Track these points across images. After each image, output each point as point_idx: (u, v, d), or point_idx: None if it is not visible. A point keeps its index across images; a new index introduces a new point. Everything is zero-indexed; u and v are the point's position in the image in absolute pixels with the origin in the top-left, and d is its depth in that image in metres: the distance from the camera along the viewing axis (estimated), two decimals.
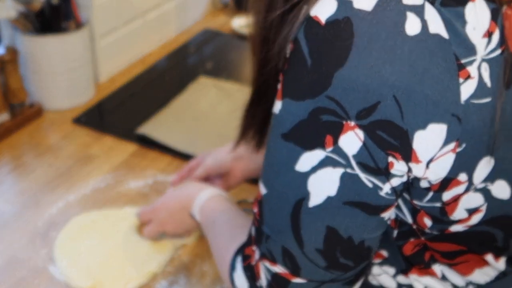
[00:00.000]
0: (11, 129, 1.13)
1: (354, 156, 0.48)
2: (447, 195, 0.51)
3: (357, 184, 0.49)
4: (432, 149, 0.47)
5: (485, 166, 0.49)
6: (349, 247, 0.52)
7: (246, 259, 0.60)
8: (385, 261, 0.62)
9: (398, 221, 0.57)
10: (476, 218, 0.52)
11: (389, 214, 0.53)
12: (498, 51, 0.47)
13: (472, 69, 0.46)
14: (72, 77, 1.20)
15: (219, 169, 0.94)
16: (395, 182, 0.50)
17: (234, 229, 0.70)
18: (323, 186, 0.50)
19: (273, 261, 0.55)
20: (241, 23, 1.65)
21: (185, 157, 1.08)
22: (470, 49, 0.46)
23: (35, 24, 1.15)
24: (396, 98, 0.45)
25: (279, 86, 0.52)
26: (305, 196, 0.51)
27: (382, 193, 0.50)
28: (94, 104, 1.25)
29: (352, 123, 0.47)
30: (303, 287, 0.54)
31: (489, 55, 0.47)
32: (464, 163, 0.48)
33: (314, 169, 0.49)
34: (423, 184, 0.51)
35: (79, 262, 0.84)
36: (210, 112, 1.24)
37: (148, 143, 1.12)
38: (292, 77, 0.50)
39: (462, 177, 0.49)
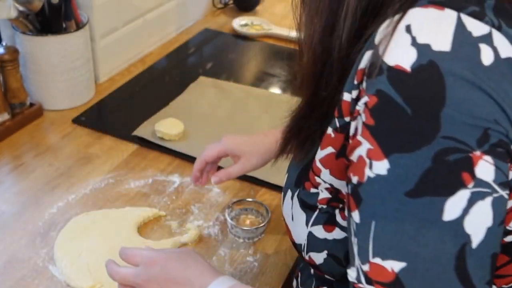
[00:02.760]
0: (11, 129, 1.13)
1: (495, 181, 0.48)
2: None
3: (503, 203, 0.49)
4: None
5: None
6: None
7: None
8: None
9: None
10: None
11: None
12: None
13: None
14: (72, 77, 1.20)
15: (237, 149, 0.90)
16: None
17: None
18: (480, 221, 0.48)
19: None
20: (241, 23, 1.65)
21: (185, 157, 1.08)
22: None
23: (35, 24, 1.15)
24: (497, 121, 0.47)
25: (367, 144, 0.49)
26: (466, 240, 0.48)
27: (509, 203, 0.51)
28: (94, 104, 1.25)
29: (478, 153, 0.47)
30: None
31: None
32: None
33: (466, 210, 0.47)
34: None
35: (79, 262, 0.84)
36: (210, 112, 1.24)
37: (148, 143, 1.12)
38: (391, 130, 0.48)
39: None
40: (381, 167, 0.48)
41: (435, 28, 0.48)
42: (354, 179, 0.51)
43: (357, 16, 0.54)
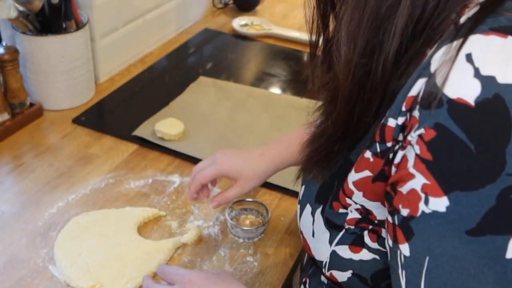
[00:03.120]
0: (11, 129, 1.13)
1: None
2: None
3: None
4: None
5: None
6: None
7: None
8: None
9: None
10: None
11: None
12: None
13: None
14: (72, 77, 1.20)
15: (234, 172, 0.85)
16: None
17: None
18: None
19: None
20: (241, 23, 1.65)
21: (185, 157, 1.08)
22: None
23: (35, 24, 1.15)
24: None
25: (422, 178, 0.47)
26: None
27: None
28: (94, 104, 1.25)
29: None
30: None
31: None
32: None
33: None
34: None
35: (79, 262, 0.84)
36: (210, 112, 1.24)
37: (148, 143, 1.12)
38: (451, 167, 0.46)
39: None
40: (440, 203, 0.47)
41: (499, 58, 0.45)
42: (404, 212, 0.49)
43: (405, 37, 0.50)
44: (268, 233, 0.93)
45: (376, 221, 0.59)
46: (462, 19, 0.48)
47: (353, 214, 0.60)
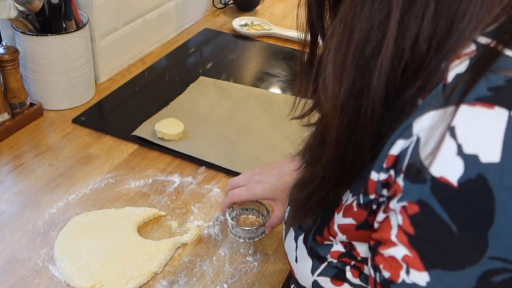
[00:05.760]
0: (11, 129, 1.13)
1: None
2: None
3: None
4: None
5: None
6: None
7: None
8: None
9: None
10: None
11: None
12: None
13: None
14: (72, 77, 1.20)
15: (270, 196, 0.86)
16: None
17: None
18: None
19: None
20: (241, 23, 1.65)
21: (185, 157, 1.08)
22: None
23: (35, 24, 1.15)
24: None
25: (404, 249, 0.47)
26: None
27: None
28: (94, 104, 1.25)
29: None
30: None
31: None
32: None
33: None
34: None
35: (79, 262, 0.84)
36: (210, 112, 1.24)
37: (148, 143, 1.12)
38: (433, 245, 0.45)
39: None
40: (420, 277, 0.46)
41: (483, 134, 0.42)
42: (386, 274, 0.49)
43: (392, 81, 0.47)
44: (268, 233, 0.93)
45: (359, 258, 0.58)
46: (450, 76, 0.45)
47: (338, 247, 0.59)
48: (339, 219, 0.56)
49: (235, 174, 1.05)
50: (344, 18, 0.48)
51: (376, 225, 0.51)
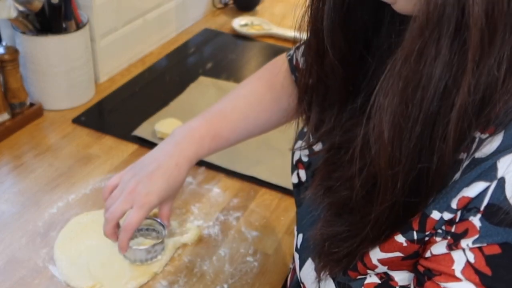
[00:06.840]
0: (11, 129, 1.13)
1: None
2: None
3: None
4: None
5: None
6: None
7: None
8: None
9: None
10: None
11: None
12: None
13: None
14: (72, 77, 1.20)
15: (160, 203, 0.79)
16: None
17: None
18: None
19: None
20: (241, 23, 1.65)
21: None
22: None
23: (35, 24, 1.15)
24: None
25: (471, 286, 0.46)
26: None
27: None
28: (94, 104, 1.25)
29: None
30: None
31: None
32: None
33: None
34: None
35: (79, 262, 0.84)
36: None
37: (148, 143, 1.12)
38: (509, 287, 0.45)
39: None
40: None
41: None
42: None
43: (464, 126, 0.44)
44: (268, 233, 0.93)
45: (397, 287, 0.56)
46: None
47: (372, 279, 0.56)
48: (377, 254, 0.53)
49: (235, 174, 1.05)
50: (404, 76, 0.44)
51: (428, 254, 0.50)
